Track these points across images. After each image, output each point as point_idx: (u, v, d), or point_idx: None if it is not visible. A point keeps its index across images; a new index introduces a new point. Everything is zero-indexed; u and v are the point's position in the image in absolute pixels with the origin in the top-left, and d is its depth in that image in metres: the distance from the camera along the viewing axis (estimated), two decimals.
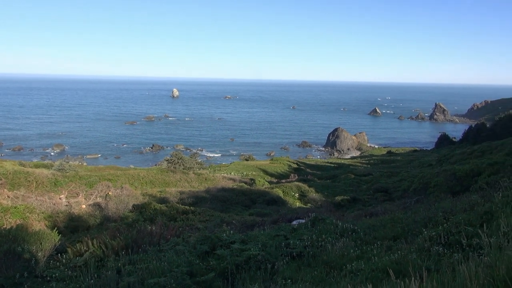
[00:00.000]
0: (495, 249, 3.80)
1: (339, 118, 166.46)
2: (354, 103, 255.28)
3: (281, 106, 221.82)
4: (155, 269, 7.17)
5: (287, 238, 9.39)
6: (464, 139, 71.96)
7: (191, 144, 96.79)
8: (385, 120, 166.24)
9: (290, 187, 31.79)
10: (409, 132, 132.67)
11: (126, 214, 18.72)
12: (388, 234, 9.27)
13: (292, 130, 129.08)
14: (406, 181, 29.64)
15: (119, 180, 28.44)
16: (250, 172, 46.86)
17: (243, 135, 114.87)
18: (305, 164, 59.57)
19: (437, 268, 5.03)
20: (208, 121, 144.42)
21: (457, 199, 12.77)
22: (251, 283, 6.29)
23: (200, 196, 25.98)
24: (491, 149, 34.63)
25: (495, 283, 2.94)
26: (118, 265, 7.72)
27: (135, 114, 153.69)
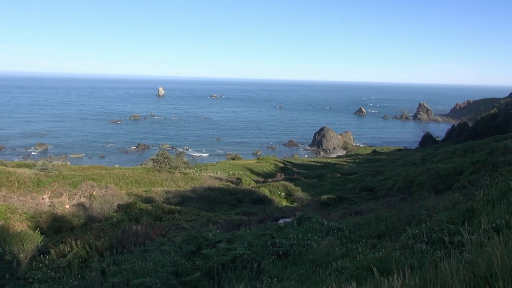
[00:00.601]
0: (476, 246, 3.88)
1: (325, 117, 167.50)
2: (340, 103, 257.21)
3: (268, 106, 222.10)
4: (140, 269, 7.11)
5: (273, 237, 9.41)
6: (447, 139, 73.23)
7: (177, 143, 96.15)
8: (370, 120, 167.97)
9: (277, 186, 31.87)
10: (393, 132, 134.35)
11: (111, 214, 18.50)
12: (372, 232, 9.38)
13: (279, 129, 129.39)
14: (391, 179, 30.02)
15: (104, 180, 28.09)
16: (236, 171, 46.82)
17: (230, 134, 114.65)
18: (292, 163, 59.80)
19: (420, 265, 5.11)
20: (194, 120, 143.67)
21: (440, 197, 13.00)
22: (237, 282, 6.30)
23: (186, 195, 25.84)
24: (473, 148, 35.31)
25: (476, 279, 3.01)
26: (103, 266, 7.63)
27: (120, 113, 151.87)
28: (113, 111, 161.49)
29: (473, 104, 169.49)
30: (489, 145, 27.43)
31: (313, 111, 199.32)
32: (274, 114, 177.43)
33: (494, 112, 74.04)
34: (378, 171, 41.71)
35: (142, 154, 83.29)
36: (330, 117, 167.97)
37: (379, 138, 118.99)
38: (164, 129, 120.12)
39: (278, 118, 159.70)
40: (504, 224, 5.21)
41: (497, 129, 56.29)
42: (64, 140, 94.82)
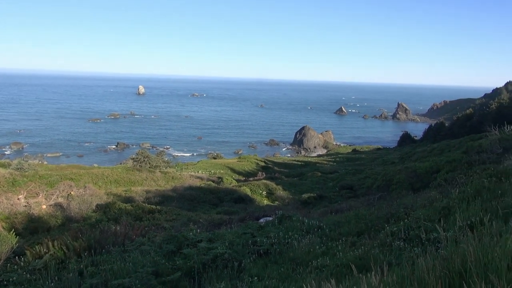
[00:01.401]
0: (451, 243, 3.98)
1: (306, 116, 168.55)
2: (321, 102, 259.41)
3: (249, 105, 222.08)
4: (119, 270, 7.01)
5: (254, 236, 9.43)
6: (424, 138, 74.84)
7: (157, 142, 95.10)
8: (350, 119, 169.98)
9: (258, 185, 31.93)
10: (373, 131, 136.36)
11: (89, 214, 18.18)
12: (352, 230, 9.51)
13: (260, 128, 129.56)
14: (370, 178, 30.48)
15: (82, 180, 27.56)
16: (217, 171, 46.67)
17: (211, 133, 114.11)
18: (273, 162, 60.01)
19: (398, 262, 5.22)
20: (175, 119, 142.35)
21: (418, 195, 13.28)
22: (218, 281, 6.28)
23: (167, 195, 25.62)
24: (449, 147, 36.21)
25: (451, 275, 3.08)
26: (80, 267, 7.50)
27: (98, 112, 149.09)
28: (92, 109, 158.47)
29: (450, 105, 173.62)
30: (464, 144, 28.19)
31: (295, 110, 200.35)
32: (256, 113, 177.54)
33: (470, 112, 76.09)
34: (358, 170, 42.28)
35: (121, 153, 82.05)
36: (311, 116, 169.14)
37: (359, 137, 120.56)
38: (144, 128, 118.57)
39: (259, 117, 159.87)
40: (478, 221, 5.37)
41: (472, 128, 57.84)
42: (40, 139, 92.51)
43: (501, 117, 48.55)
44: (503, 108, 60.02)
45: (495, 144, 17.20)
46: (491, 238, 3.70)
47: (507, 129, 18.52)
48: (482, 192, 7.69)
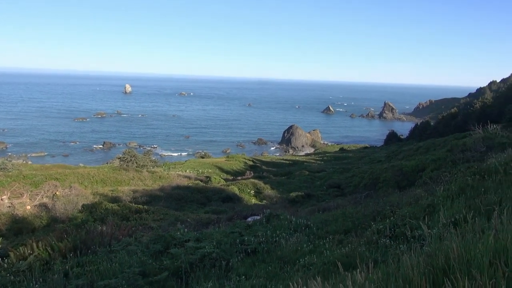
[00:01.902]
0: (435, 240, 4.04)
1: (294, 115, 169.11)
2: (308, 101, 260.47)
3: (237, 104, 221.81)
4: (106, 270, 6.95)
5: (242, 235, 9.43)
6: (410, 137, 75.75)
7: (144, 142, 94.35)
8: (337, 118, 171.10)
9: (246, 184, 31.94)
10: (360, 130, 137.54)
11: (75, 214, 17.96)
12: (339, 228, 9.58)
13: (248, 127, 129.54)
14: (357, 176, 30.74)
15: (68, 179, 27.20)
16: (205, 170, 46.52)
17: (199, 133, 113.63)
18: (261, 161, 60.07)
19: (384, 259, 5.28)
20: (162, 118, 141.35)
21: (404, 193, 13.44)
22: (205, 281, 6.27)
23: (154, 194, 25.45)
24: (434, 145, 36.72)
25: (435, 271, 3.13)
26: (66, 268, 7.40)
27: (84, 110, 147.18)
28: (77, 108, 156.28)
29: (435, 104, 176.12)
30: (449, 143, 28.62)
31: (282, 109, 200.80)
32: (244, 112, 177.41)
33: (454, 111, 77.26)
34: (345, 169, 42.60)
35: (108, 153, 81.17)
36: (299, 116, 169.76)
37: (347, 136, 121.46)
38: (131, 127, 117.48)
39: (247, 116, 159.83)
40: (462, 218, 5.46)
41: (457, 127, 58.75)
42: (24, 138, 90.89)
43: (484, 116, 49.44)
44: (486, 107, 61.09)
45: (479, 142, 17.50)
46: (474, 235, 3.77)
47: (490, 128, 18.86)
48: (466, 190, 7.82)
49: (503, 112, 50.76)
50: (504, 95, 61.78)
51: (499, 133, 18.01)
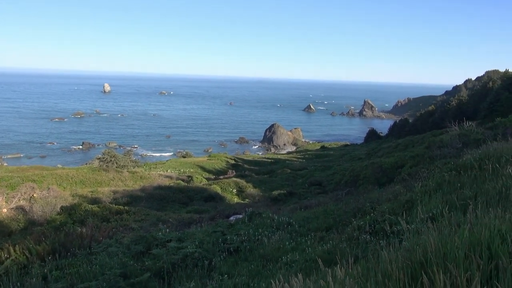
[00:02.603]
0: (413, 235, 4.14)
1: (275, 114, 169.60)
2: (290, 100, 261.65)
3: (219, 102, 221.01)
4: (86, 273, 6.84)
5: (225, 234, 9.43)
6: (390, 134, 77.08)
7: (124, 142, 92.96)
8: (318, 116, 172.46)
9: (228, 183, 31.90)
10: (341, 128, 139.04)
11: (54, 217, 17.58)
12: (321, 226, 9.69)
13: (230, 126, 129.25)
14: (338, 174, 31.09)
15: (45, 181, 26.59)
16: (187, 169, 46.22)
17: (180, 132, 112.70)
18: (243, 160, 60.07)
19: (364, 255, 5.36)
20: (142, 117, 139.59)
21: (383, 190, 13.68)
22: (188, 281, 6.25)
23: (135, 195, 25.15)
24: (413, 142, 37.48)
25: (413, 265, 3.21)
26: (44, 272, 7.25)
27: (62, 111, 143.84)
28: (55, 108, 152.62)
29: (413, 101, 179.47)
30: (427, 140, 29.23)
31: (264, 108, 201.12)
32: (225, 111, 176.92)
33: (432, 108, 78.96)
34: (326, 166, 43.02)
35: (87, 153, 79.63)
36: (280, 114, 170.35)
37: (328, 134, 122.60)
38: (110, 127, 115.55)
39: (229, 115, 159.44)
40: (439, 213, 5.60)
41: (434, 124, 60.08)
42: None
43: (460, 113, 50.74)
44: (462, 104, 62.66)
45: (455, 139, 17.96)
46: (450, 229, 3.88)
47: (466, 125, 19.38)
48: (443, 185, 8.02)
49: (478, 109, 52.20)
50: (479, 93, 63.49)
51: (474, 130, 18.53)
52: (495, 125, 23.34)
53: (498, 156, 7.82)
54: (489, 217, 3.77)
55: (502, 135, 14.16)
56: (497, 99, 46.75)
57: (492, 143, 10.28)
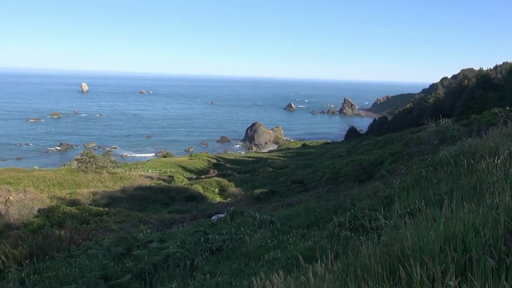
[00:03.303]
0: (391, 230, 4.23)
1: (257, 113, 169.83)
2: (270, 99, 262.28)
3: (199, 102, 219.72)
4: (65, 276, 6.72)
5: (207, 233, 9.41)
6: (369, 132, 78.24)
7: (104, 142, 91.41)
8: (299, 115, 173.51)
9: (210, 182, 31.79)
10: (321, 126, 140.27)
11: (31, 219, 17.17)
12: (302, 223, 9.77)
13: (211, 125, 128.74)
14: (320, 172, 31.39)
15: (22, 183, 25.96)
16: (168, 169, 45.81)
17: (161, 132, 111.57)
18: (225, 159, 59.94)
19: (344, 251, 5.45)
20: (122, 117, 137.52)
21: (363, 187, 13.89)
22: (170, 281, 6.21)
23: (115, 196, 24.80)
24: (392, 140, 38.17)
25: (391, 259, 3.29)
26: (22, 276, 7.09)
27: (38, 111, 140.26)
28: (30, 108, 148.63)
29: (392, 99, 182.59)
30: (405, 137, 29.82)
31: (245, 107, 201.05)
32: (206, 110, 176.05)
33: (410, 106, 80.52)
34: (308, 164, 43.36)
35: (65, 154, 77.97)
36: (261, 113, 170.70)
37: (309, 132, 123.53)
38: (89, 127, 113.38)
39: (210, 114, 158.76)
40: (416, 208, 5.72)
41: (412, 122, 61.32)
42: None
43: (437, 110, 51.93)
44: (439, 102, 64.14)
45: (432, 136, 18.36)
46: (427, 223, 3.98)
47: (442, 122, 19.84)
48: (420, 181, 8.19)
49: (454, 107, 53.56)
50: (455, 91, 65.11)
51: (451, 127, 18.98)
52: (470, 122, 24.01)
53: (473, 152, 8.04)
54: (463, 211, 3.89)
55: (476, 131, 14.57)
56: (472, 96, 48.07)
57: (467, 140, 10.55)
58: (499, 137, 9.23)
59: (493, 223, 3.28)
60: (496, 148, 7.51)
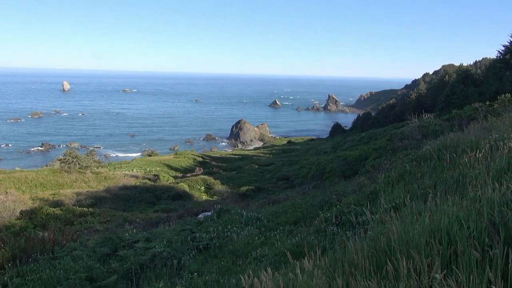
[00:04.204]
0: (377, 224, 4.27)
1: (242, 110, 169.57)
2: (255, 96, 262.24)
3: (184, 99, 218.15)
4: (49, 278, 6.60)
5: (193, 231, 9.36)
6: (354, 127, 78.96)
7: (87, 142, 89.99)
8: (284, 112, 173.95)
9: (196, 180, 31.65)
10: (306, 122, 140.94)
11: (13, 222, 16.80)
12: (289, 219, 9.80)
13: (196, 123, 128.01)
14: (305, 168, 31.55)
15: (3, 185, 25.38)
16: (153, 168, 45.42)
17: (145, 131, 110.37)
18: (210, 157, 59.73)
19: (332, 246, 5.49)
20: (105, 116, 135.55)
21: (349, 182, 14.02)
22: (157, 281, 6.16)
23: (100, 196, 24.47)
24: (376, 135, 38.60)
25: (378, 253, 3.32)
26: (4, 279, 6.93)
27: (18, 110, 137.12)
28: (10, 108, 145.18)
29: (375, 95, 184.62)
30: (389, 132, 30.19)
31: (230, 104, 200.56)
32: (191, 108, 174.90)
33: (393, 102, 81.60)
34: (293, 161, 43.55)
35: (47, 155, 76.49)
36: (246, 110, 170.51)
37: (294, 129, 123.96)
38: (71, 126, 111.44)
39: (194, 112, 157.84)
40: (401, 202, 5.80)
41: (395, 117, 62.11)
42: None
43: (419, 106, 52.74)
44: (421, 97, 65.14)
45: (415, 131, 18.62)
46: (412, 217, 4.03)
47: (425, 117, 20.13)
48: (404, 176, 8.30)
49: (436, 102, 54.40)
50: (436, 86, 66.18)
51: (433, 122, 19.28)
52: (452, 117, 24.41)
53: (455, 146, 8.18)
54: (447, 205, 3.95)
55: (458, 126, 14.83)
56: (453, 92, 48.89)
57: (449, 134, 10.73)
58: (480, 131, 9.42)
59: (476, 215, 3.34)
60: (477, 142, 7.66)
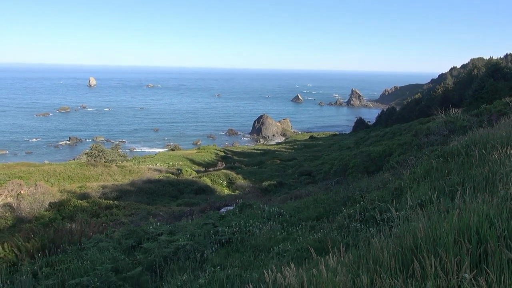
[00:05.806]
0: (403, 222, 4.18)
1: (264, 105, 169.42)
2: (277, 91, 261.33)
3: (206, 95, 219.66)
4: (77, 269, 6.79)
5: (216, 225, 9.43)
6: (377, 123, 77.69)
7: (112, 136, 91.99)
8: (307, 107, 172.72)
9: (218, 175, 31.87)
10: (329, 117, 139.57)
11: (42, 213, 17.39)
12: (311, 215, 9.75)
13: (218, 118, 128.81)
14: (328, 163, 31.28)
15: (33, 177, 26.26)
16: (176, 162, 46.03)
17: (168, 125, 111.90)
18: (232, 152, 60.03)
19: (355, 243, 5.42)
20: (129, 111, 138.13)
21: (372, 178, 13.80)
22: (180, 273, 6.24)
23: (125, 189, 24.99)
24: (400, 131, 37.84)
25: (404, 251, 3.25)
26: (34, 269, 7.18)
27: (47, 106, 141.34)
28: (39, 103, 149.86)
29: (400, 90, 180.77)
30: (414, 128, 29.55)
31: (251, 99, 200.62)
32: (213, 103, 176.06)
33: (418, 97, 79.75)
34: (315, 156, 43.26)
35: (74, 148, 78.65)
36: (268, 105, 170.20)
37: (316, 124, 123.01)
38: (97, 121, 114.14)
39: (217, 107, 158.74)
40: (427, 199, 5.66)
41: (421, 112, 60.70)
42: None
43: (446, 100, 51.33)
44: (448, 92, 63.40)
45: (442, 126, 18.16)
46: (439, 215, 3.93)
47: (452, 112, 19.60)
48: (430, 172, 8.10)
49: (463, 97, 52.84)
50: (464, 80, 64.25)
51: (460, 117, 18.76)
52: (481, 112, 23.66)
53: (484, 142, 7.92)
54: (477, 202, 3.83)
55: (487, 121, 14.37)
56: (482, 86, 47.36)
57: (478, 130, 10.41)
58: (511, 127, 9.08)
59: (508, 214, 3.23)
60: (508, 138, 7.39)
